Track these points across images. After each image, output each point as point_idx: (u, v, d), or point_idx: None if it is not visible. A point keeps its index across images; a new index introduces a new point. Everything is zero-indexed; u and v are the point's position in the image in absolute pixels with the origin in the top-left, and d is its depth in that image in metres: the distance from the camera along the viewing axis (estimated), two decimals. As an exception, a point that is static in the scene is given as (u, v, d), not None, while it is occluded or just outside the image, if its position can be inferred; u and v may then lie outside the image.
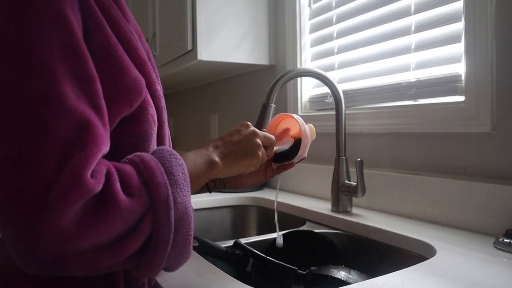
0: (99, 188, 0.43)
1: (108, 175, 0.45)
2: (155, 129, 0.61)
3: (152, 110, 0.60)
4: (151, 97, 0.61)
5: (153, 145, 0.61)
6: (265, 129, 0.80)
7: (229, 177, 0.89)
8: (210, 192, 0.82)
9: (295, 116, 0.83)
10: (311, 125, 0.86)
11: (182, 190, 0.51)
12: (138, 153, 0.53)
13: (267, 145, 0.73)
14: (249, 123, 0.72)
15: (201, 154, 0.63)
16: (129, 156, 0.52)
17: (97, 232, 0.43)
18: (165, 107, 0.66)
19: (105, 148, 0.48)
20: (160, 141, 0.64)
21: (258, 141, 0.69)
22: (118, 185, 0.46)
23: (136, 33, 0.62)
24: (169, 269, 0.54)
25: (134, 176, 0.48)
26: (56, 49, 0.46)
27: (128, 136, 0.56)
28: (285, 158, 0.81)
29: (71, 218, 0.41)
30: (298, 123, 0.81)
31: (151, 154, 0.53)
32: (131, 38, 0.58)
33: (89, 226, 0.42)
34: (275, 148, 0.79)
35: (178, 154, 0.55)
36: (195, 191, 0.61)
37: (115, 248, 0.45)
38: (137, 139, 0.57)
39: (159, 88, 0.64)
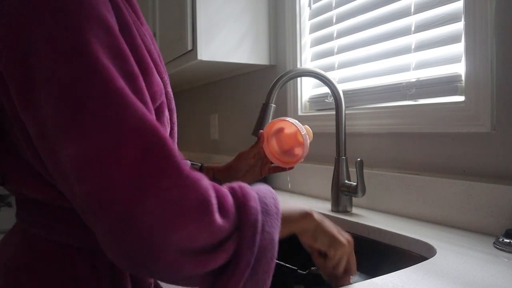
0: (201, 185, 0.44)
1: (208, 188, 0.45)
2: (169, 131, 0.61)
3: (167, 112, 0.60)
4: (165, 99, 0.61)
5: None
6: (262, 130, 0.80)
7: (224, 175, 0.89)
8: None
9: (290, 120, 0.83)
10: (307, 126, 0.86)
11: (272, 221, 0.51)
12: (238, 182, 0.53)
13: (350, 264, 0.66)
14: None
15: (297, 205, 0.62)
16: (229, 183, 0.52)
17: (186, 233, 0.43)
18: (175, 108, 0.66)
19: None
20: None
21: (351, 248, 0.65)
22: (215, 200, 0.46)
23: (148, 35, 0.62)
24: None
25: (229, 196, 0.48)
26: (106, 50, 0.46)
27: None
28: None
29: (168, 211, 0.41)
30: (295, 126, 0.81)
31: (256, 187, 0.54)
32: (146, 41, 0.59)
33: (183, 223, 0.42)
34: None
35: (274, 192, 0.55)
36: (281, 235, 0.58)
37: (198, 258, 0.45)
38: None
39: (170, 90, 0.64)
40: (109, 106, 0.43)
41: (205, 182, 0.46)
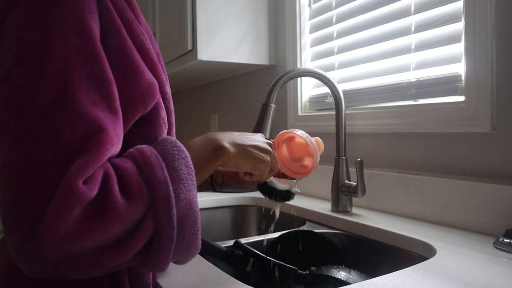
0: (92, 194, 0.43)
1: (105, 178, 0.45)
2: (166, 131, 0.61)
3: (164, 113, 0.60)
4: (162, 99, 0.61)
5: None
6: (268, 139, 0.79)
7: (234, 180, 0.88)
8: (215, 190, 0.82)
9: (299, 132, 0.81)
10: (318, 138, 0.84)
11: (186, 184, 0.50)
12: (139, 146, 0.51)
13: (272, 166, 0.71)
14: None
15: (209, 139, 0.61)
16: (131, 150, 0.51)
17: (95, 237, 0.43)
18: (173, 109, 0.66)
19: (113, 151, 0.47)
20: None
21: (270, 150, 0.68)
22: (115, 188, 0.45)
23: (147, 34, 0.62)
24: (178, 262, 0.53)
25: (134, 174, 0.47)
26: (73, 54, 0.46)
27: (140, 139, 0.56)
28: (270, 193, 0.81)
29: (69, 224, 0.41)
30: (304, 139, 0.80)
31: (153, 146, 0.52)
32: (144, 41, 0.58)
33: (87, 231, 0.42)
34: (274, 180, 0.79)
35: (182, 146, 0.54)
36: (202, 180, 0.59)
37: (117, 250, 0.45)
38: (149, 142, 0.57)
39: (168, 90, 0.64)
40: (53, 118, 0.44)
41: (101, 171, 0.45)
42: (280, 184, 0.81)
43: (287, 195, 0.82)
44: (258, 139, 0.68)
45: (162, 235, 0.47)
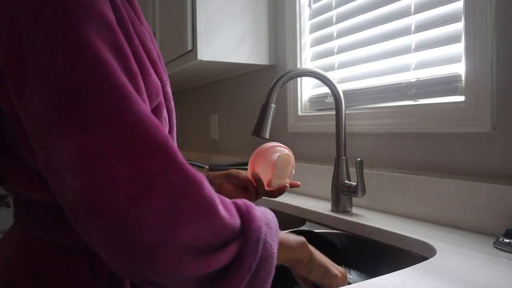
0: (201, 180, 0.43)
1: (213, 191, 0.45)
2: (167, 131, 0.61)
3: (165, 113, 0.60)
4: (163, 99, 0.61)
5: None
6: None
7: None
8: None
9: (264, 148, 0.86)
10: (285, 149, 0.88)
11: (273, 235, 0.51)
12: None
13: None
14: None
15: (293, 234, 0.63)
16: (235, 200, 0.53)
17: (190, 229, 0.42)
18: (174, 109, 0.66)
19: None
20: None
21: (341, 275, 0.67)
22: (219, 201, 0.46)
23: (148, 35, 0.62)
24: None
25: (231, 204, 0.49)
26: (107, 46, 0.46)
27: None
28: None
29: (165, 208, 0.40)
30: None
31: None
32: (145, 40, 0.58)
33: (182, 222, 0.41)
34: None
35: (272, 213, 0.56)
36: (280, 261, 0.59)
37: (201, 257, 0.44)
38: None
39: (169, 90, 0.64)
40: (110, 100, 0.43)
41: (208, 183, 0.45)
42: None
43: None
44: (334, 264, 0.68)
45: (242, 262, 0.47)
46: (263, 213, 0.52)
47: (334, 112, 1.11)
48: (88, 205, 0.40)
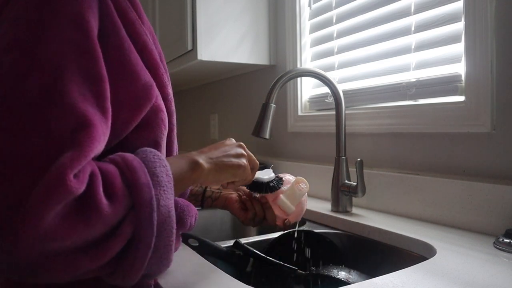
0: (81, 189, 0.41)
1: (92, 177, 0.44)
2: (166, 133, 0.61)
3: (163, 115, 0.59)
4: (163, 100, 0.60)
5: (164, 149, 0.61)
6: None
7: (221, 201, 0.88)
8: (202, 208, 0.83)
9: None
10: (300, 179, 0.85)
11: (166, 192, 0.49)
12: (120, 153, 0.50)
13: (251, 165, 0.72)
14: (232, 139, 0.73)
15: (183, 156, 0.61)
16: (111, 156, 0.50)
17: (76, 235, 0.41)
18: (174, 111, 0.65)
19: (99, 148, 0.46)
20: (169, 144, 0.64)
21: (243, 151, 0.69)
22: (101, 188, 0.44)
23: (150, 34, 0.62)
24: (148, 276, 0.51)
25: (117, 177, 0.46)
26: (67, 47, 0.46)
27: (139, 141, 0.56)
28: (260, 189, 0.82)
29: (51, 218, 0.39)
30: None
31: (134, 153, 0.52)
32: (146, 41, 0.58)
33: (69, 228, 0.41)
34: (257, 176, 0.79)
35: (162, 155, 0.53)
36: (176, 195, 0.57)
37: (94, 251, 0.43)
38: (148, 144, 0.56)
39: (170, 91, 0.64)
40: (42, 109, 0.43)
41: (88, 168, 0.44)
42: (264, 177, 0.82)
43: (277, 183, 0.83)
44: (228, 144, 0.69)
45: (140, 240, 0.46)
46: (149, 168, 0.49)
47: (334, 112, 1.11)
48: None
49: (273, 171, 0.85)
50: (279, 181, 0.84)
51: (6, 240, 0.39)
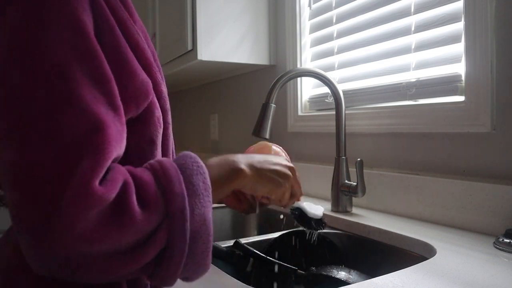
0: (111, 196, 0.43)
1: (124, 185, 0.45)
2: (161, 131, 0.61)
3: (158, 113, 0.59)
4: (157, 99, 0.60)
5: (159, 147, 0.61)
6: None
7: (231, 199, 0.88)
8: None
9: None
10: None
11: (202, 200, 0.50)
12: (160, 158, 0.52)
13: (293, 191, 0.71)
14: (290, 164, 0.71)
15: (227, 160, 0.61)
16: (151, 161, 0.51)
17: (109, 241, 0.43)
18: (169, 109, 0.65)
19: (119, 150, 0.47)
20: (165, 142, 0.64)
21: (290, 174, 0.68)
22: (134, 197, 0.45)
23: (142, 33, 0.62)
24: (187, 279, 0.53)
25: (152, 185, 0.47)
26: (70, 50, 0.46)
27: (134, 138, 0.56)
28: (302, 221, 0.83)
29: (85, 225, 0.41)
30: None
31: (174, 160, 0.53)
32: (138, 39, 0.58)
33: (102, 234, 0.42)
34: (305, 207, 0.79)
35: (201, 162, 0.53)
36: (216, 201, 0.58)
37: (127, 258, 0.45)
38: (143, 141, 0.57)
39: (164, 89, 0.64)
40: (55, 115, 0.43)
41: (120, 177, 0.45)
42: (311, 210, 0.82)
43: (318, 224, 0.83)
44: (279, 163, 0.67)
45: (174, 248, 0.47)
46: (186, 176, 0.50)
47: (334, 112, 1.11)
48: (18, 222, 0.42)
49: (322, 212, 0.85)
50: (320, 223, 0.83)
51: (45, 245, 0.41)
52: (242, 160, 0.62)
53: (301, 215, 0.83)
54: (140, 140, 0.57)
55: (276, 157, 0.69)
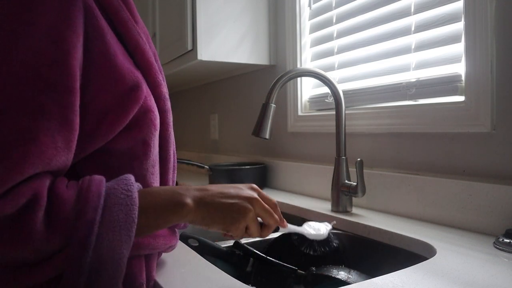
0: (6, 210, 0.41)
1: (32, 201, 0.43)
2: (156, 133, 0.60)
3: (153, 115, 0.59)
4: (156, 99, 0.60)
5: (154, 149, 0.61)
6: None
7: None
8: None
9: None
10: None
11: (117, 234, 0.46)
12: (96, 176, 0.49)
13: (267, 221, 0.63)
14: (256, 187, 0.64)
15: (174, 192, 0.56)
16: (87, 177, 0.49)
17: (3, 253, 0.42)
18: (170, 109, 0.65)
19: (50, 163, 0.46)
20: (164, 143, 0.64)
21: (251, 207, 0.60)
22: (39, 213, 0.43)
23: (143, 34, 0.62)
24: None
25: (68, 205, 0.45)
26: (37, 57, 0.46)
27: (127, 141, 0.56)
28: (302, 245, 0.76)
29: None
30: None
31: (111, 181, 0.50)
32: (139, 40, 0.58)
33: None
34: (293, 227, 0.70)
35: (135, 192, 0.50)
36: (155, 231, 0.56)
37: (28, 271, 0.44)
38: (136, 143, 0.57)
39: (164, 90, 0.63)
40: None
41: (29, 192, 0.43)
42: (313, 232, 0.73)
43: (323, 244, 0.80)
44: (237, 195, 0.59)
45: (68, 276, 0.44)
46: (111, 204, 0.47)
47: (334, 112, 1.11)
48: None
49: (330, 229, 0.76)
50: (327, 243, 0.76)
51: None
52: (192, 193, 0.57)
53: (302, 239, 0.76)
54: (133, 142, 0.56)
55: (237, 188, 0.61)
